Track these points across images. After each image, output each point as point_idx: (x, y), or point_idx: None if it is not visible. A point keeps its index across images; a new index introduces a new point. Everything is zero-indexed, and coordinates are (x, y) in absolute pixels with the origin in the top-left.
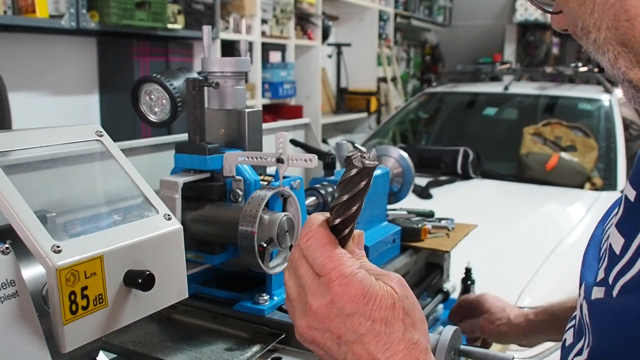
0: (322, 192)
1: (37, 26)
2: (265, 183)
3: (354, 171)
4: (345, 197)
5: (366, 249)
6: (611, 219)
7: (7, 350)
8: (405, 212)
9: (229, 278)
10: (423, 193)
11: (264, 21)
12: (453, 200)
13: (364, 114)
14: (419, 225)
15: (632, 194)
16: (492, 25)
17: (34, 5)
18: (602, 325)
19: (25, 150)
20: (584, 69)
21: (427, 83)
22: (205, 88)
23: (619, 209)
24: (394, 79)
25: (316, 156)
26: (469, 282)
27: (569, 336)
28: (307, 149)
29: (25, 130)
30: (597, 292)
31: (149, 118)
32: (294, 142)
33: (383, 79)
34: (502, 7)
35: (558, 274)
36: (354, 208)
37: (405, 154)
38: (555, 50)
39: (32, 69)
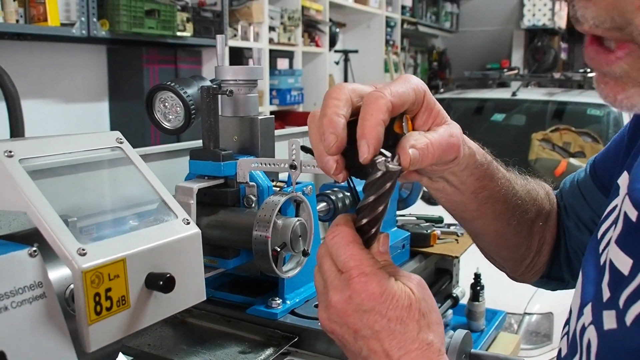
0: (333, 197)
1: (49, 34)
2: (278, 189)
3: (378, 174)
4: (371, 199)
5: None
6: (606, 230)
7: (35, 350)
8: (414, 218)
9: (242, 282)
10: (431, 199)
11: (271, 28)
12: None
13: None
14: (429, 231)
15: (633, 214)
16: (499, 31)
17: (45, 14)
18: None
19: (48, 157)
20: (593, 74)
21: (435, 89)
22: (219, 96)
23: (615, 222)
24: None
25: None
26: (479, 288)
27: (563, 345)
28: None
29: (48, 137)
30: (608, 319)
31: (163, 125)
32: (304, 148)
33: None
34: (510, 12)
35: None
36: (380, 209)
37: None
38: (563, 55)
39: (43, 77)
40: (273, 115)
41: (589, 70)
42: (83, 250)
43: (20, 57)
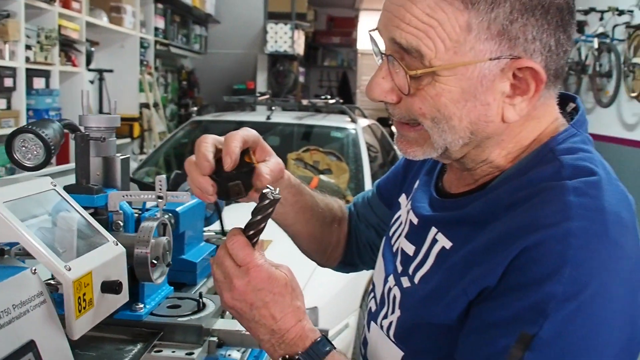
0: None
1: None
2: (137, 215)
3: (266, 201)
4: (258, 218)
5: (194, 265)
6: (395, 230)
7: (45, 340)
8: (213, 233)
9: None
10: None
11: (28, 47)
12: (243, 219)
13: (127, 140)
14: None
15: (415, 220)
16: (245, 54)
17: None
18: (411, 305)
19: (17, 199)
20: (332, 101)
21: (185, 108)
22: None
23: (404, 225)
24: (155, 105)
25: (189, 193)
26: None
27: (372, 304)
28: (146, 187)
29: (13, 184)
30: (405, 282)
31: (24, 164)
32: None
33: (145, 105)
34: (254, 38)
35: (328, 274)
36: (262, 225)
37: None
38: (301, 79)
39: None
40: (129, 156)
41: (329, 97)
42: (68, 267)
43: None
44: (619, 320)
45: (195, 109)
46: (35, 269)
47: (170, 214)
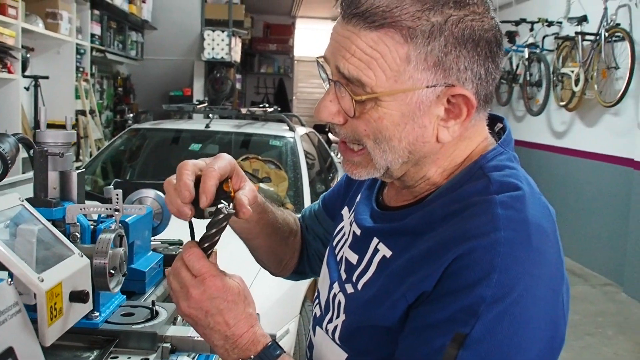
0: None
1: None
2: (92, 227)
3: (221, 216)
4: (213, 231)
5: (143, 274)
6: (339, 241)
7: (22, 346)
8: (159, 242)
9: None
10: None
11: None
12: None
13: None
14: (176, 252)
15: (358, 231)
16: (181, 61)
17: None
18: (355, 309)
19: None
20: (271, 109)
21: (121, 114)
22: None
23: (347, 236)
24: (92, 112)
25: (144, 206)
26: None
27: (317, 310)
28: (98, 198)
29: None
30: (349, 288)
31: None
32: None
33: (81, 112)
34: (191, 45)
35: (269, 282)
36: (217, 238)
37: (161, 194)
38: (238, 85)
39: None
40: (84, 170)
41: (267, 105)
42: (41, 278)
43: None
44: (542, 319)
45: (131, 115)
46: (11, 280)
47: (120, 225)
